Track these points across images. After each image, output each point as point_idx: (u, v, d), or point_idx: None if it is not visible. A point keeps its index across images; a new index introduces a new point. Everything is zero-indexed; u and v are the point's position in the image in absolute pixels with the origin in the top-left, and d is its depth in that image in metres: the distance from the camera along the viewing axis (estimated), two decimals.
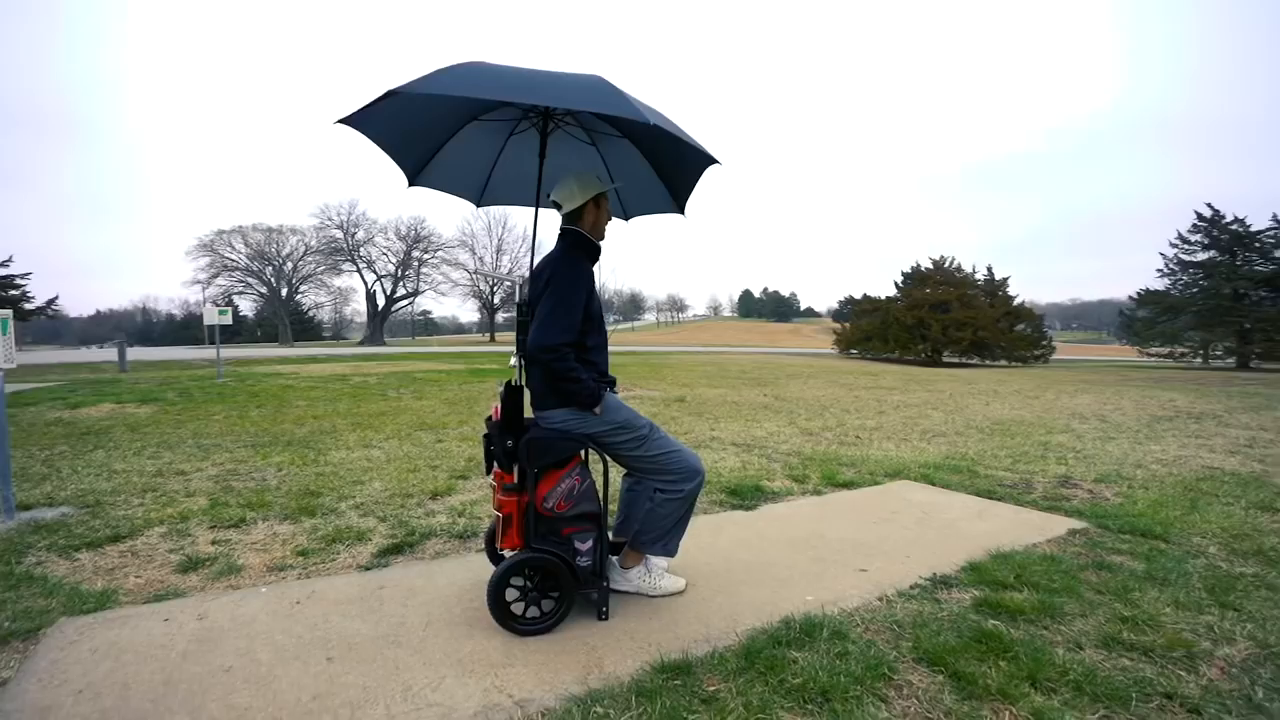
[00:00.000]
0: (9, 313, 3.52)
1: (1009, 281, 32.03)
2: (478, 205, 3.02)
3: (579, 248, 2.40)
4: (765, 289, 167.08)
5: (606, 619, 2.32)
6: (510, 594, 2.21)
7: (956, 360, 30.38)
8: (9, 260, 39.92)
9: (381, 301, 60.30)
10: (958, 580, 2.69)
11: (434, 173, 2.74)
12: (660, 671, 1.94)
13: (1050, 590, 2.54)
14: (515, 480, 2.29)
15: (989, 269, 32.61)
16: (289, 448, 5.63)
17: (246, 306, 68.45)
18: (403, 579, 2.66)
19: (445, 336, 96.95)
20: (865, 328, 32.62)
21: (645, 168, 2.73)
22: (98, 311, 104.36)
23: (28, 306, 47.55)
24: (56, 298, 38.58)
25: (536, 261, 2.45)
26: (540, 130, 2.42)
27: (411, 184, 2.73)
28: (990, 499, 4.09)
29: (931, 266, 33.30)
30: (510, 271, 61.93)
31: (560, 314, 2.19)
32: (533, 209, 2.61)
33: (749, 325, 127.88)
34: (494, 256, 64.67)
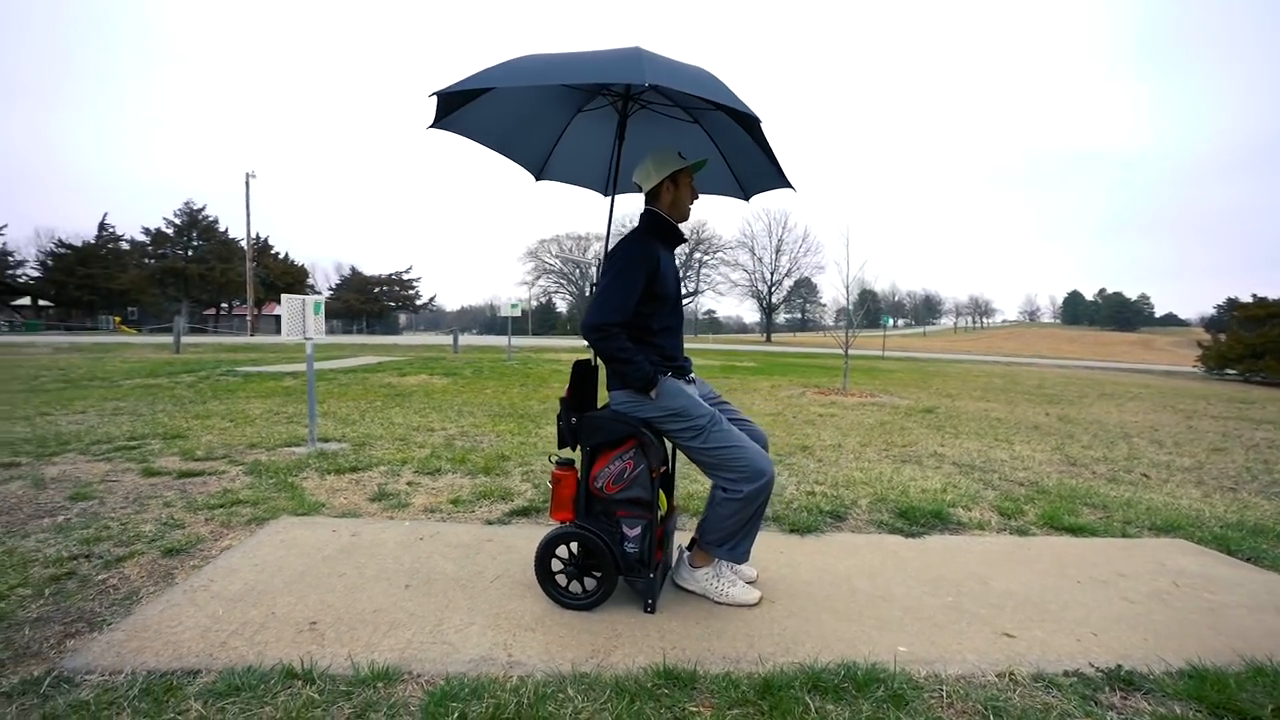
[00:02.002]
0: (323, 297, 4.87)
1: None
2: (605, 195, 3.13)
3: (651, 228, 2.34)
4: (1101, 290, 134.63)
5: (653, 612, 2.23)
6: (555, 564, 2.28)
7: None
8: (409, 268, 53.97)
9: None
10: (1152, 684, 1.88)
11: (556, 167, 2.94)
12: (659, 676, 1.80)
13: None
14: (574, 456, 2.34)
15: None
16: (518, 420, 6.59)
17: (562, 305, 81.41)
18: (508, 537, 2.94)
19: (726, 335, 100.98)
20: (1252, 341, 23.85)
21: (748, 140, 2.51)
22: (462, 307, 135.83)
23: (418, 302, 63.82)
24: (435, 296, 51.27)
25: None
26: (620, 111, 2.42)
27: (538, 179, 2.98)
28: None
29: None
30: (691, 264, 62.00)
31: (612, 293, 2.16)
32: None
33: (1075, 334, 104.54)
34: (773, 256, 65.39)
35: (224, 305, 54.75)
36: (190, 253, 51.44)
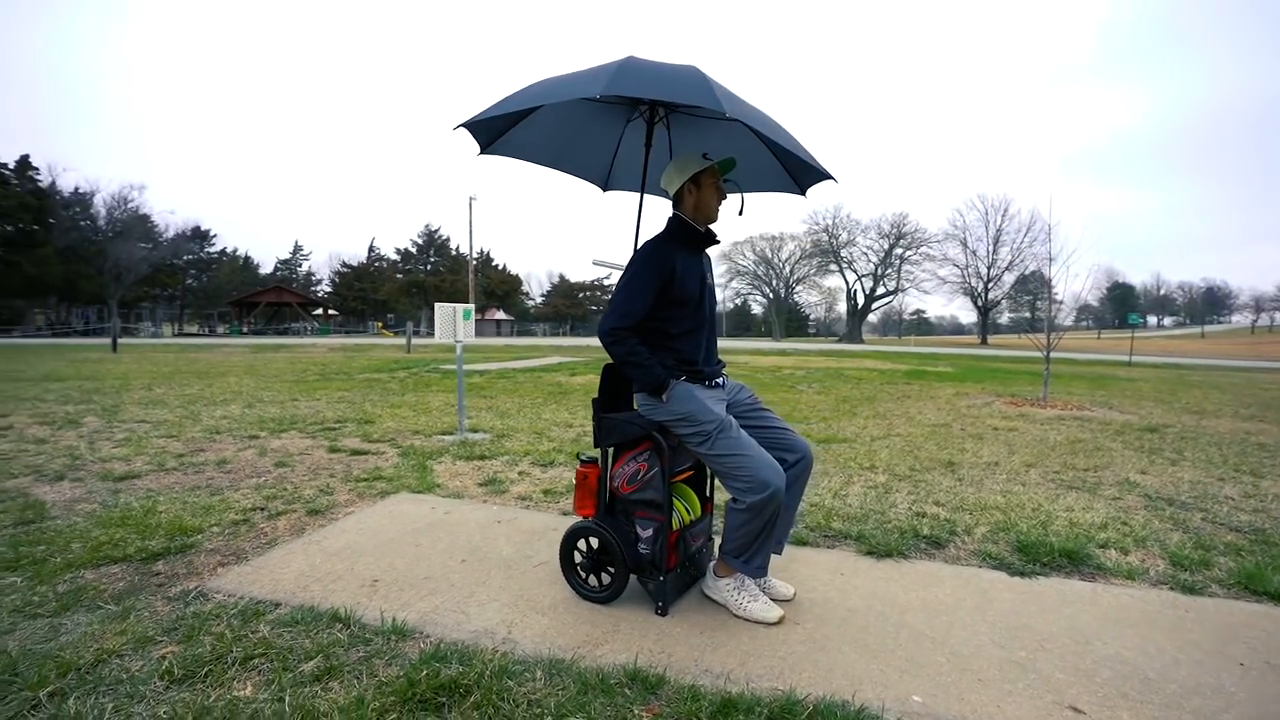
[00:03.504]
0: (472, 306, 5.59)
1: None
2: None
3: (673, 233, 2.34)
4: None
5: (664, 614, 2.24)
6: (576, 556, 2.40)
7: None
8: (609, 275, 57.84)
9: (861, 300, 61.90)
10: None
11: (619, 177, 3.06)
12: (627, 675, 1.83)
13: None
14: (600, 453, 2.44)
15: None
16: None
17: (757, 307, 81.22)
18: None
19: (938, 337, 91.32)
20: None
21: (789, 134, 2.38)
22: None
23: (592, 309, 67.40)
24: None
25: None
26: (647, 120, 2.46)
27: (605, 190, 3.12)
28: None
29: None
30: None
31: (622, 299, 2.22)
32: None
33: None
34: (990, 249, 57.98)
35: None
36: (428, 267, 61.57)
